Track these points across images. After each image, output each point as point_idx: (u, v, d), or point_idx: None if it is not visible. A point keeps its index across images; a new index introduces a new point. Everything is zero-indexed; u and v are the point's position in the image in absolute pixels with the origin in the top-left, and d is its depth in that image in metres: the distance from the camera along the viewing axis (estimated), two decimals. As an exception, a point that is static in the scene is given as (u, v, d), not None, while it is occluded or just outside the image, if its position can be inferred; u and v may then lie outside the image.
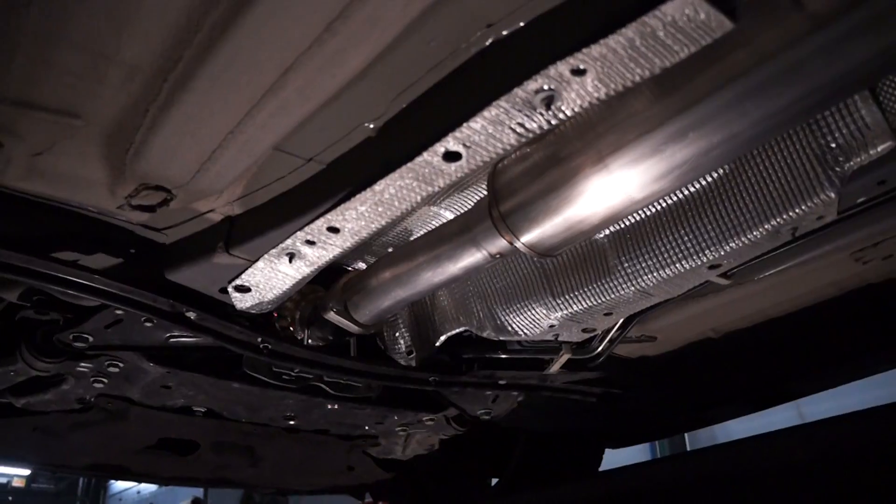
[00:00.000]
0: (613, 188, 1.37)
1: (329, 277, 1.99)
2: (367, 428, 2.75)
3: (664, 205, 1.80)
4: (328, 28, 1.09)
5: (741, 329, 2.44)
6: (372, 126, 1.42)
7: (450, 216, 1.91)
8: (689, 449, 7.50)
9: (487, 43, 1.23)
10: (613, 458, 3.46)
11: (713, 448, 3.09)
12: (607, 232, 1.90)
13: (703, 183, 1.73)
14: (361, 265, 2.15)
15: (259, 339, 2.01)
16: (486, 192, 1.53)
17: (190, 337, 1.99)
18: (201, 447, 2.68)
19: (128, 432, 2.48)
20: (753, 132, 1.24)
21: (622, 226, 1.88)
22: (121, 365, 2.07)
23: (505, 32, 1.21)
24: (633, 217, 1.85)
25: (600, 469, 3.40)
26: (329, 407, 2.47)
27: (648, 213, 1.83)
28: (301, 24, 1.08)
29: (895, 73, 1.46)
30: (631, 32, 1.07)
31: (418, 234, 1.99)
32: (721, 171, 1.70)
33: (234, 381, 2.20)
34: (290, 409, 2.48)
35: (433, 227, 1.96)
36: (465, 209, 1.72)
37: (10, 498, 17.28)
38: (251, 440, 2.73)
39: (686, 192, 1.76)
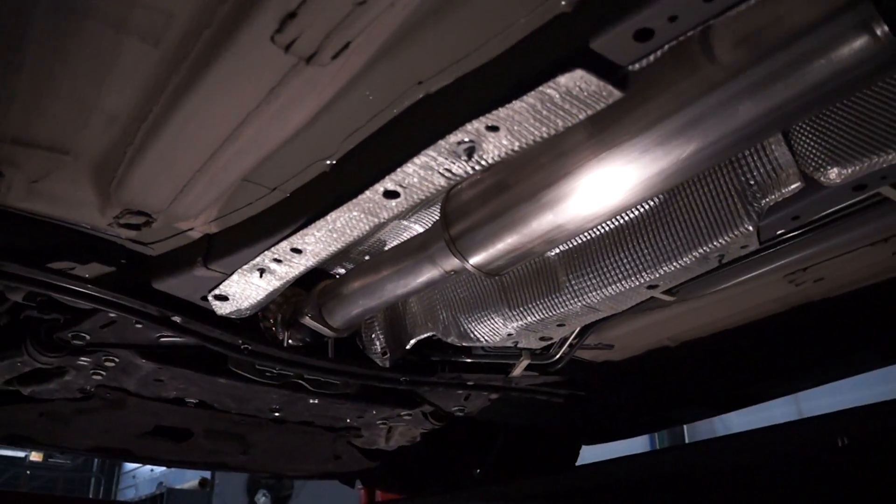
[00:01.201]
0: (548, 218, 1.55)
1: (314, 280, 2.19)
2: (348, 420, 2.95)
3: (607, 228, 1.97)
4: (271, 92, 1.27)
5: (696, 338, 2.61)
6: (328, 162, 1.60)
7: (420, 230, 2.08)
8: (687, 441, 7.65)
9: (419, 97, 1.40)
10: (614, 449, 3.60)
11: (711, 440, 3.23)
12: (557, 251, 2.07)
13: (640, 211, 1.90)
14: (341, 271, 2.34)
15: (240, 341, 2.21)
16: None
17: (178, 337, 2.19)
18: (195, 434, 2.89)
19: (127, 419, 2.70)
20: (676, 168, 1.40)
21: (571, 246, 2.05)
22: (116, 360, 2.28)
23: (433, 89, 1.38)
24: (580, 238, 2.02)
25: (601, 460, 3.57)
26: (311, 401, 2.67)
27: (593, 235, 2.00)
28: (247, 90, 1.27)
29: (804, 120, 1.61)
30: (532, 99, 1.24)
31: (391, 245, 2.18)
32: (655, 200, 1.87)
33: (220, 376, 2.40)
34: (275, 402, 2.68)
35: (404, 238, 2.13)
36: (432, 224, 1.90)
37: (28, 472, 17.69)
38: (242, 429, 2.93)
39: (626, 218, 1.93)
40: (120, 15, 1.18)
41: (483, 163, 1.41)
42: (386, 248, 2.18)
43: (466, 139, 1.35)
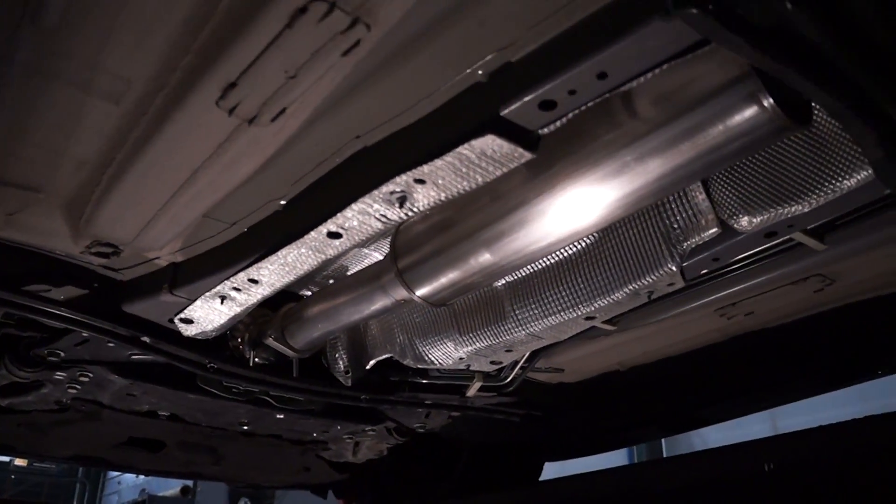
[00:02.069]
0: (485, 256, 1.69)
1: (283, 300, 2.33)
2: (315, 435, 3.09)
3: (548, 263, 2.11)
4: (220, 147, 1.42)
5: (644, 364, 2.75)
6: (280, 202, 1.74)
7: (379, 257, 2.22)
8: (665, 455, 7.78)
9: (358, 149, 1.55)
10: (592, 463, 3.73)
11: (688, 455, 3.36)
12: (504, 282, 2.22)
13: (577, 248, 2.04)
14: (307, 293, 2.48)
15: (207, 361, 2.35)
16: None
17: (148, 355, 2.33)
18: (168, 446, 3.03)
19: (102, 430, 2.83)
20: (601, 214, 1.54)
21: (516, 278, 2.19)
22: (90, 375, 2.41)
23: (370, 143, 1.53)
24: (524, 271, 2.16)
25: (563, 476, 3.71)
26: (278, 416, 2.81)
27: (536, 268, 2.14)
28: (198, 145, 1.42)
29: (719, 171, 1.76)
30: (451, 158, 1.38)
31: (353, 270, 2.32)
32: (591, 239, 2.01)
33: (190, 392, 2.53)
34: (244, 416, 2.82)
35: (365, 265, 2.27)
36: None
37: (13, 476, 17.68)
38: (213, 441, 3.07)
39: (564, 254, 2.07)
40: (85, 79, 1.33)
41: (414, 210, 1.55)
42: (347, 274, 2.32)
43: (398, 189, 1.50)
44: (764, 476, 2.24)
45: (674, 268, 1.87)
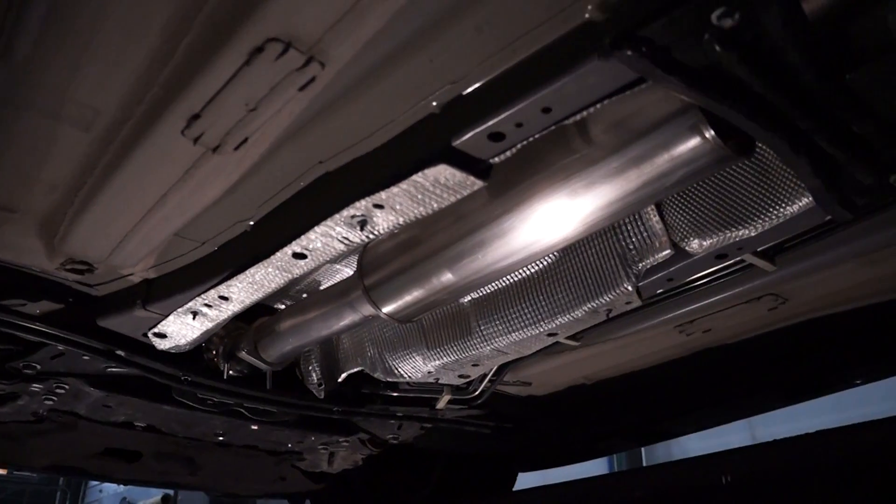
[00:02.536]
0: (447, 275, 1.75)
1: (258, 314, 2.38)
2: (290, 445, 3.15)
3: (512, 281, 2.18)
4: (186, 173, 1.49)
5: (610, 378, 2.83)
6: (249, 223, 1.81)
7: (350, 273, 2.28)
8: (644, 464, 7.87)
9: (320, 174, 1.61)
10: (573, 472, 3.80)
11: (666, 464, 3.44)
12: (469, 298, 2.28)
13: (539, 267, 2.11)
14: (281, 306, 2.54)
15: (181, 374, 2.40)
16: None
17: (123, 368, 2.38)
18: (144, 456, 3.08)
19: (79, 440, 2.88)
20: (559, 236, 1.61)
21: (482, 294, 2.26)
22: (66, 387, 2.47)
23: (332, 168, 1.59)
24: (489, 288, 2.23)
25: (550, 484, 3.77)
26: (252, 427, 2.86)
27: (500, 286, 2.21)
28: (165, 171, 1.48)
29: (672, 196, 1.83)
30: (406, 185, 1.45)
31: (325, 285, 2.38)
32: (551, 258, 2.08)
33: (165, 404, 2.59)
34: (219, 427, 2.87)
35: (336, 280, 2.33)
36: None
37: (-6, 484, 17.59)
38: (189, 451, 3.12)
39: (527, 273, 2.14)
40: (55, 108, 1.39)
41: (375, 233, 1.62)
42: (319, 290, 2.38)
43: (358, 213, 1.57)
44: (738, 486, 2.31)
45: (630, 287, 1.95)
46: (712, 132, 1.33)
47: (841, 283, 2.14)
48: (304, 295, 2.45)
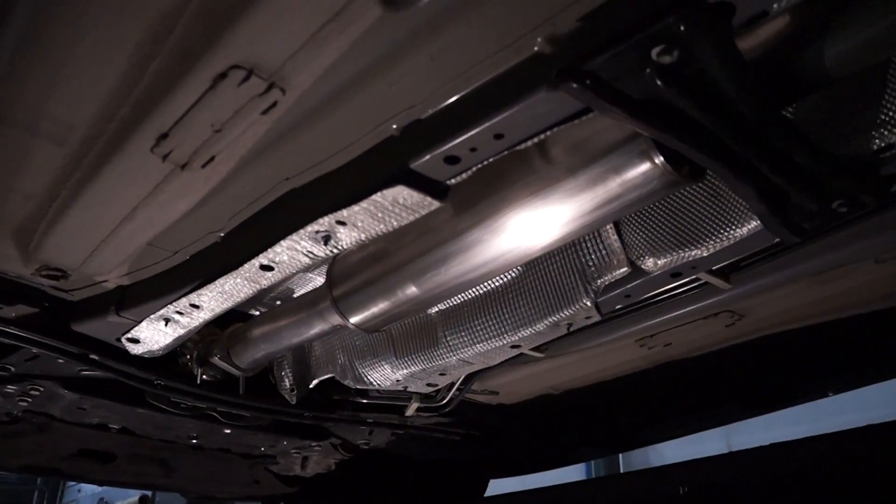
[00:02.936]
0: (411, 288, 1.82)
1: (234, 319, 2.44)
2: (263, 449, 3.20)
3: (477, 294, 2.25)
4: (156, 188, 1.55)
5: (577, 388, 2.90)
6: (219, 234, 1.86)
7: (322, 282, 2.34)
8: (622, 471, 7.94)
9: (287, 190, 1.67)
10: (551, 478, 3.86)
11: (641, 471, 3.52)
12: (437, 309, 2.35)
13: (503, 281, 2.18)
14: (256, 313, 2.59)
15: (154, 378, 2.45)
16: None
17: (97, 372, 2.43)
18: (119, 457, 3.12)
19: (54, 442, 2.92)
20: (516, 253, 1.68)
21: (449, 306, 2.33)
22: (41, 389, 2.52)
23: (298, 185, 1.65)
24: (456, 300, 2.30)
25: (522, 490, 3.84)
26: (226, 431, 2.92)
27: (466, 298, 2.28)
28: (136, 186, 1.54)
29: (630, 214, 1.90)
30: (366, 204, 1.51)
31: (298, 293, 2.44)
32: (515, 272, 2.15)
33: (139, 407, 2.64)
34: (192, 430, 2.92)
35: (309, 288, 2.39)
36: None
37: (-30, 484, 17.44)
38: (163, 453, 3.17)
39: (491, 286, 2.21)
40: (31, 123, 1.45)
41: (339, 248, 1.68)
42: (292, 297, 2.44)
43: (322, 229, 1.63)
44: (710, 494, 2.39)
45: (589, 303, 2.01)
46: (661, 158, 1.39)
47: (794, 301, 2.22)
48: (278, 302, 2.51)
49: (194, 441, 3.03)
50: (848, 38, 1.27)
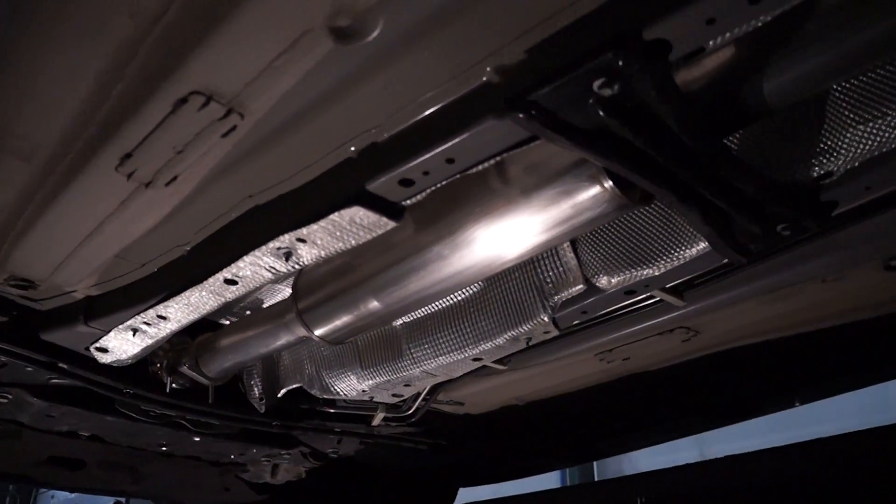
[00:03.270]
0: (373, 303, 1.87)
1: (205, 328, 2.48)
2: (232, 457, 3.24)
3: (440, 307, 2.30)
4: (121, 205, 1.60)
5: (541, 399, 2.96)
6: (186, 248, 1.91)
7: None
8: (596, 479, 8.00)
9: (250, 207, 1.72)
10: (526, 485, 3.92)
11: (615, 479, 3.58)
12: (401, 322, 2.40)
13: (465, 295, 2.24)
14: (226, 322, 2.64)
15: (123, 387, 2.49)
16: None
17: (66, 380, 2.47)
18: (88, 464, 3.15)
19: (23, 448, 2.94)
20: (475, 270, 1.73)
21: (413, 318, 2.38)
22: (9, 396, 2.54)
23: (261, 202, 1.71)
24: (420, 313, 2.35)
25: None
26: (195, 439, 2.95)
27: (430, 311, 2.33)
28: (101, 202, 1.60)
29: (587, 233, 1.97)
30: (324, 223, 1.57)
31: (267, 304, 2.49)
32: (476, 287, 2.21)
33: (108, 415, 2.68)
34: (162, 438, 2.96)
35: (278, 300, 2.44)
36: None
37: (-60, 489, 17.23)
38: (133, 461, 3.19)
39: (453, 300, 2.26)
40: (-1, 140, 1.50)
41: (300, 264, 1.73)
42: (261, 308, 2.49)
43: (283, 246, 1.68)
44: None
45: (546, 318, 2.08)
46: (610, 183, 1.45)
47: (747, 318, 2.29)
48: (248, 312, 2.55)
49: (164, 448, 3.06)
50: (786, 72, 1.33)
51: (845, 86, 1.50)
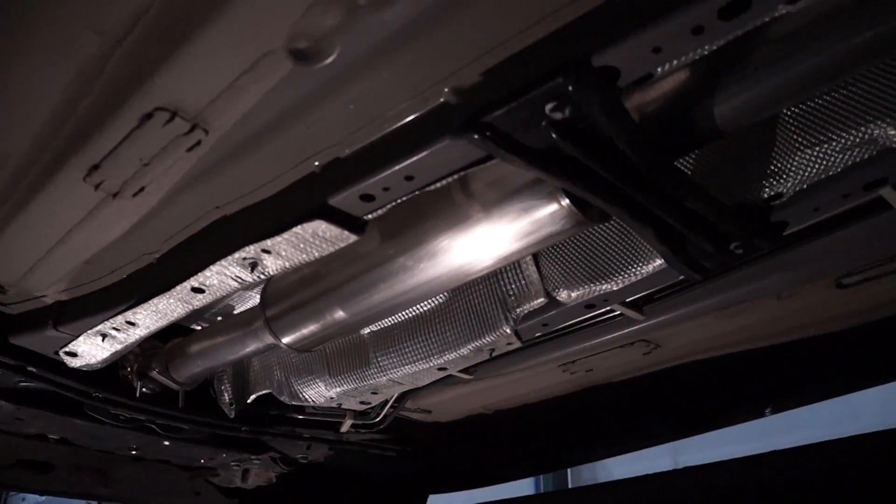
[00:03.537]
0: (339, 313, 1.91)
1: (176, 333, 2.50)
2: (202, 461, 3.26)
3: (406, 317, 2.35)
4: (89, 214, 1.63)
5: (508, 408, 3.01)
6: (155, 256, 1.94)
7: (261, 300, 2.41)
8: (570, 486, 8.06)
9: (218, 217, 1.76)
10: (500, 492, 3.96)
11: (589, 487, 3.63)
12: (369, 331, 2.44)
13: (430, 306, 2.28)
14: (198, 327, 2.66)
15: (93, 391, 2.52)
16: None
17: (35, 383, 2.49)
18: (57, 468, 3.16)
19: (-9, 452, 2.96)
20: (438, 282, 1.77)
21: (380, 327, 2.42)
22: (-23, 399, 2.57)
23: (229, 213, 1.74)
24: (386, 322, 2.39)
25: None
26: (165, 443, 2.98)
27: (396, 321, 2.37)
28: (70, 211, 1.63)
29: (548, 248, 2.02)
30: (288, 235, 1.61)
31: (238, 310, 2.52)
32: (442, 298, 2.25)
33: (77, 418, 2.69)
34: (132, 442, 2.98)
35: (248, 306, 2.47)
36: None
37: None
38: (103, 464, 3.20)
39: (420, 311, 2.31)
40: (-32, 148, 1.53)
41: (265, 274, 1.77)
42: (232, 314, 2.52)
43: (249, 256, 1.72)
44: None
45: (509, 330, 2.13)
46: (567, 201, 1.49)
47: (706, 332, 2.36)
48: (219, 318, 2.58)
49: (134, 452, 3.08)
50: (737, 96, 1.38)
51: (794, 110, 1.56)
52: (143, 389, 2.62)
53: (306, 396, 2.61)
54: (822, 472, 2.60)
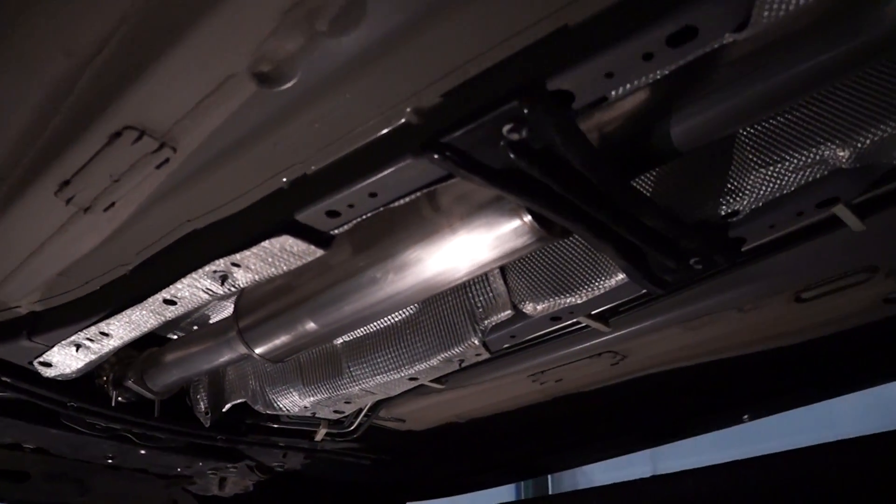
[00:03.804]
0: (309, 324, 1.94)
1: (152, 342, 2.53)
2: (179, 469, 3.28)
3: (378, 328, 2.39)
4: (61, 227, 1.66)
5: (481, 417, 3.05)
6: (128, 268, 1.97)
7: (236, 311, 2.44)
8: (550, 493, 8.10)
9: (189, 231, 1.79)
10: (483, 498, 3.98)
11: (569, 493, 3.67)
12: (342, 341, 2.48)
13: (401, 318, 2.32)
14: (174, 336, 2.69)
15: (67, 400, 2.54)
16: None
17: (9, 393, 2.51)
18: (33, 477, 3.17)
19: (-36, 462, 2.97)
20: (404, 296, 1.81)
21: (352, 338, 2.46)
22: (-49, 409, 2.58)
23: (200, 226, 1.78)
24: (358, 333, 2.43)
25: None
26: (141, 452, 3.00)
27: (368, 331, 2.41)
28: (42, 225, 1.66)
29: (514, 261, 2.06)
30: (256, 250, 1.65)
31: (214, 319, 2.54)
32: (412, 309, 2.30)
33: (52, 427, 2.71)
34: (108, 451, 3.00)
35: (223, 316, 2.50)
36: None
37: None
38: (79, 473, 3.22)
39: (391, 322, 2.35)
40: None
41: (235, 287, 1.81)
42: (207, 324, 2.55)
43: (219, 270, 1.76)
44: None
45: (477, 342, 2.17)
46: (529, 217, 1.54)
47: (670, 345, 2.41)
48: (195, 327, 2.61)
49: (110, 461, 3.10)
50: (692, 117, 1.42)
51: (749, 131, 1.61)
52: (119, 398, 2.64)
53: (281, 406, 2.64)
54: (803, 478, 2.66)
